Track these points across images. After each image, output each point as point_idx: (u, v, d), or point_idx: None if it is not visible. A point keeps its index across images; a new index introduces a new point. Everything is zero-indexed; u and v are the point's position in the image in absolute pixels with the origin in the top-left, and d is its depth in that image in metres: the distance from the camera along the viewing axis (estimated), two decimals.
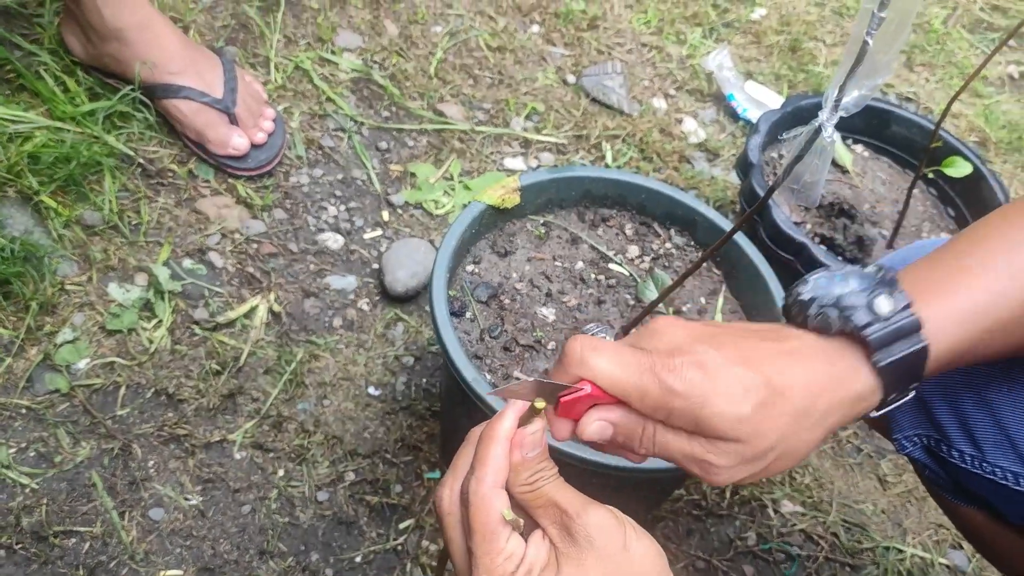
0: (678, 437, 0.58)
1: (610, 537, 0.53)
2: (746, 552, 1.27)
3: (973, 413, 0.74)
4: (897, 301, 0.58)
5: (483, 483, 0.55)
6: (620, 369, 0.56)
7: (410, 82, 1.67)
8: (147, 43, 1.37)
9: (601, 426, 0.59)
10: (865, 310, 0.58)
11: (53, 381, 1.18)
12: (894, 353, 0.58)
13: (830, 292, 0.60)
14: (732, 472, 0.58)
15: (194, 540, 1.12)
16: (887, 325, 0.58)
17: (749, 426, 0.55)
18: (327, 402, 1.26)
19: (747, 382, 0.56)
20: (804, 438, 0.58)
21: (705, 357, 0.56)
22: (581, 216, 1.18)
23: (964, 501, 0.81)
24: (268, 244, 1.39)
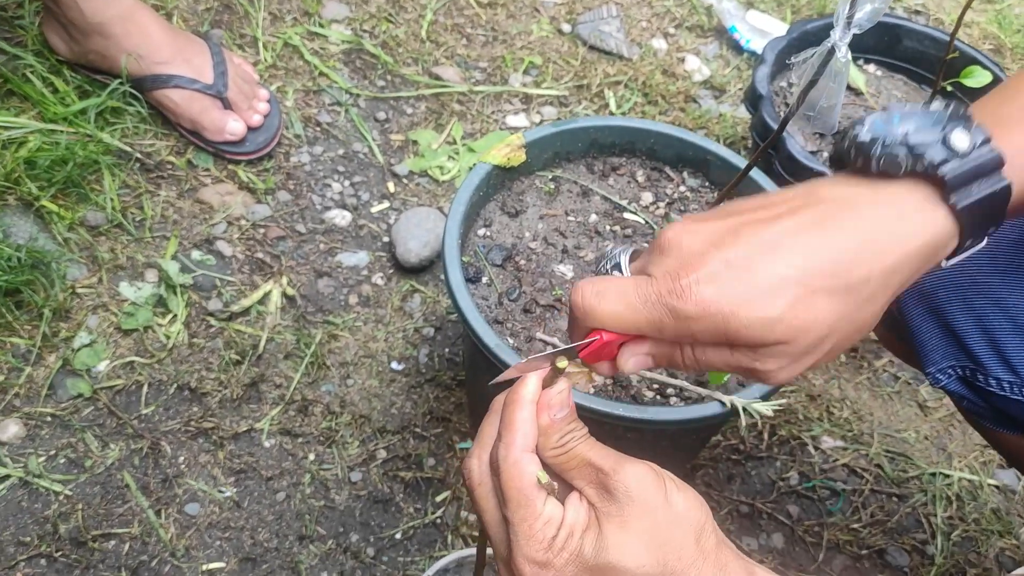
0: (719, 351, 0.53)
1: (650, 491, 0.51)
2: (789, 492, 1.25)
3: (1008, 339, 0.71)
4: (975, 135, 0.52)
5: (512, 448, 0.53)
6: (627, 309, 0.52)
7: (402, 48, 1.63)
8: (131, 35, 1.34)
9: (638, 360, 0.56)
10: (939, 146, 0.51)
11: (75, 386, 1.17)
12: (973, 194, 0.52)
13: (894, 130, 0.52)
14: (790, 370, 0.53)
15: (232, 531, 1.11)
16: (966, 162, 0.51)
17: (785, 326, 0.50)
18: (351, 381, 1.25)
19: (773, 278, 0.50)
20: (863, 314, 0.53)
21: (716, 266, 0.50)
22: (590, 167, 1.14)
23: (1007, 428, 0.78)
24: (275, 227, 1.37)
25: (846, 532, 1.22)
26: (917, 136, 0.52)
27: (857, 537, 1.22)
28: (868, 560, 1.21)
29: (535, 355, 0.55)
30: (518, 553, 0.51)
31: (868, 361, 1.39)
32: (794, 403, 1.32)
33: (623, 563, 0.50)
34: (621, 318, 0.53)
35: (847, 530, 1.22)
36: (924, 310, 0.79)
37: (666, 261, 0.53)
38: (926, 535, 1.24)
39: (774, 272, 0.50)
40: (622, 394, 0.96)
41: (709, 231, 0.53)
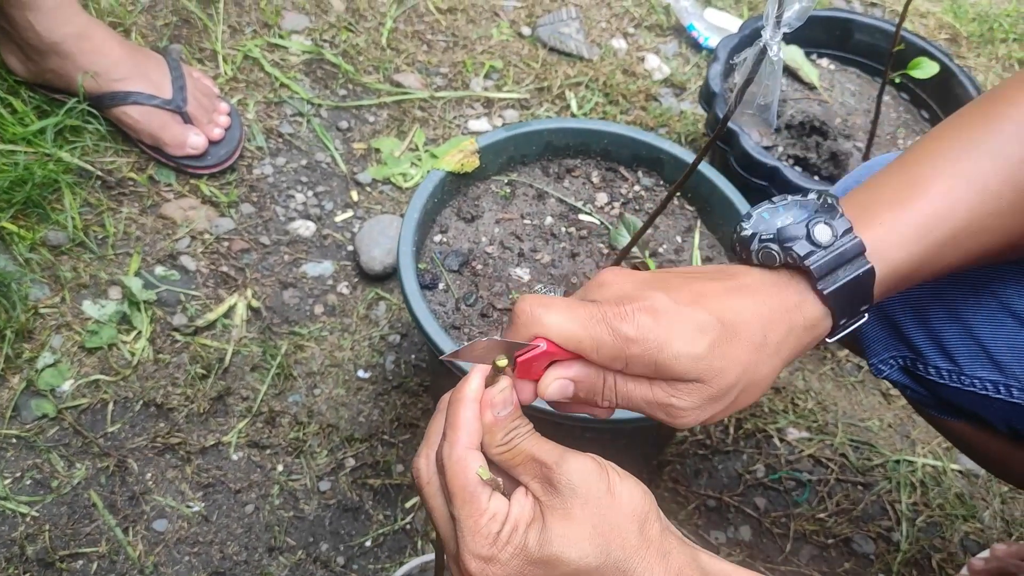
0: (639, 385, 0.57)
1: (593, 482, 0.52)
2: (756, 485, 1.26)
3: (944, 328, 0.73)
4: (837, 227, 0.58)
5: (456, 446, 0.54)
6: (572, 322, 0.55)
7: (363, 56, 1.63)
8: (87, 53, 1.34)
9: (561, 384, 0.57)
10: (804, 240, 0.58)
11: (39, 407, 1.17)
12: (839, 279, 0.58)
13: (770, 225, 0.60)
14: (698, 413, 0.57)
15: (201, 546, 1.12)
16: (828, 253, 0.57)
17: (707, 364, 0.55)
18: (318, 391, 1.25)
19: (700, 321, 0.55)
20: (763, 371, 0.58)
21: (655, 302, 0.55)
22: (545, 170, 1.15)
23: (950, 415, 0.80)
24: (239, 240, 1.37)
25: (812, 522, 1.24)
26: (788, 231, 0.59)
27: (823, 527, 1.23)
28: (835, 549, 1.22)
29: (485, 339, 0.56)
30: (464, 549, 0.52)
31: (831, 352, 1.40)
32: None
33: (566, 555, 0.51)
34: (565, 329, 0.55)
35: (813, 520, 1.24)
36: None
37: (609, 291, 0.58)
38: (891, 522, 1.25)
39: (702, 317, 0.55)
40: None
41: (645, 277, 0.59)
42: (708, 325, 0.55)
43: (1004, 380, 0.71)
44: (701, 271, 0.61)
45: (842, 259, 0.58)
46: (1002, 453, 0.79)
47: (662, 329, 0.54)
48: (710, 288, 0.58)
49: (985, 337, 0.71)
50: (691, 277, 0.59)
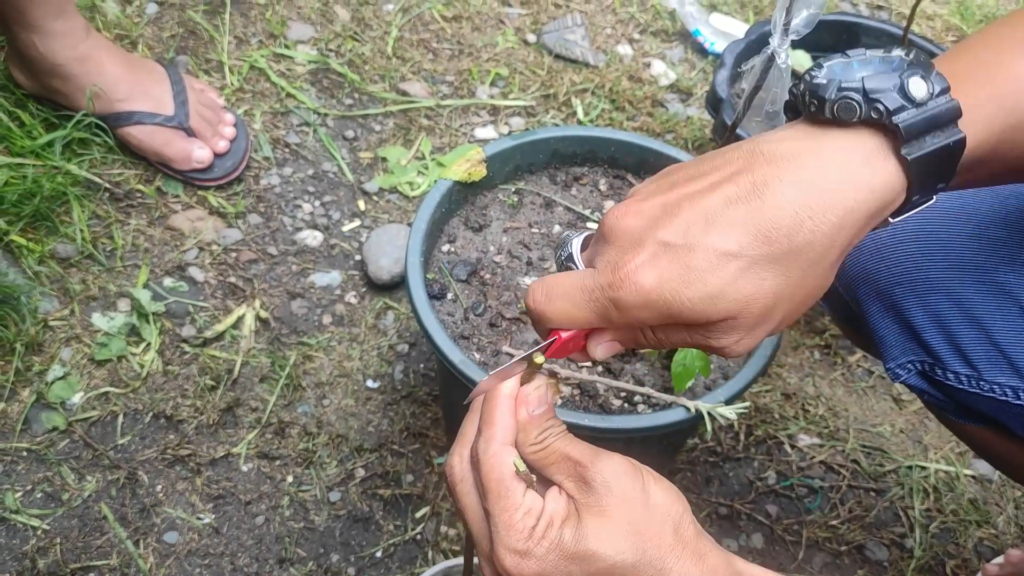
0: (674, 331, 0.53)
1: (628, 482, 0.52)
2: (767, 492, 1.25)
3: (964, 332, 0.72)
4: (934, 84, 0.50)
5: (492, 442, 0.54)
6: (574, 307, 0.52)
7: (369, 65, 1.63)
8: (88, 75, 1.34)
9: (606, 347, 0.56)
10: (896, 93, 0.49)
11: (50, 419, 1.17)
12: (927, 146, 0.50)
13: (851, 75, 0.51)
14: (746, 341, 0.52)
15: (212, 558, 1.12)
16: (922, 112, 0.49)
17: (729, 301, 0.49)
18: (327, 401, 1.25)
19: (711, 256, 0.48)
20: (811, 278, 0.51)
21: (654, 249, 0.49)
22: (552, 178, 1.15)
23: (969, 420, 0.79)
24: (247, 251, 1.37)
25: (825, 529, 1.23)
26: (873, 82, 0.50)
27: (836, 534, 1.23)
28: (848, 556, 1.21)
29: (501, 367, 0.56)
30: (499, 544, 0.51)
31: (842, 357, 1.39)
32: (769, 402, 1.33)
33: (602, 551, 0.50)
34: (571, 316, 0.53)
35: (826, 527, 1.23)
36: (882, 306, 0.80)
37: (608, 251, 0.52)
38: (904, 528, 1.24)
39: (712, 247, 0.48)
40: (590, 404, 0.96)
41: (648, 210, 0.51)
42: (722, 257, 0.48)
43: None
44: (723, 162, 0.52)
45: (935, 122, 0.50)
46: (1021, 458, 0.78)
47: (666, 282, 0.49)
48: (729, 194, 0.50)
49: (1005, 342, 0.70)
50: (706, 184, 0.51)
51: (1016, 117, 0.54)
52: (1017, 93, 0.54)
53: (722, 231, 0.48)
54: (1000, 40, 0.57)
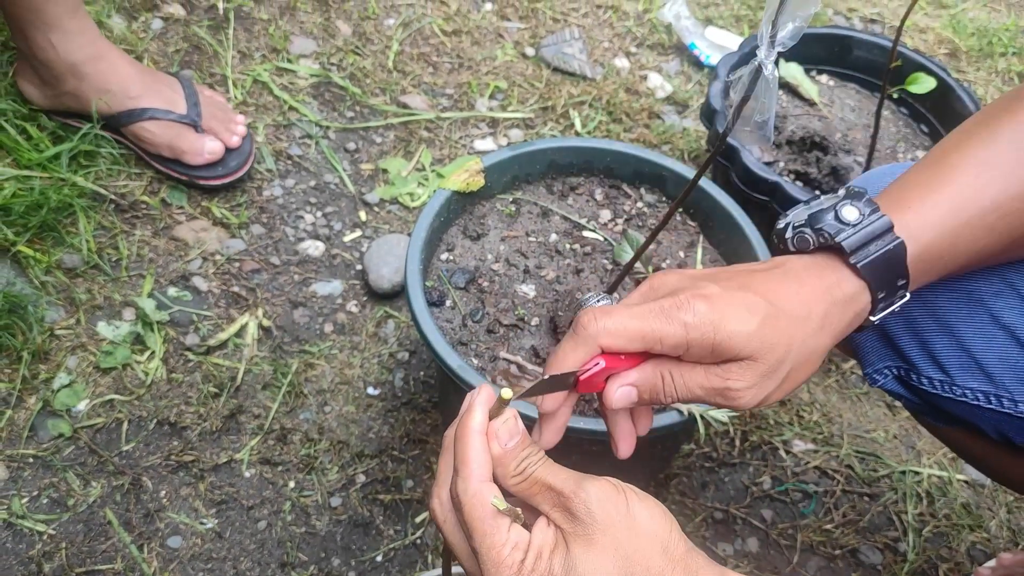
0: (695, 373, 0.60)
1: (611, 507, 0.53)
2: (762, 497, 1.27)
3: (936, 339, 0.75)
4: (863, 208, 0.63)
5: (470, 480, 0.54)
6: (633, 320, 0.59)
7: (370, 79, 1.66)
8: (103, 73, 1.37)
9: (625, 391, 0.61)
10: (834, 221, 0.63)
11: (56, 426, 1.19)
12: (871, 253, 0.62)
13: (802, 214, 0.65)
14: (755, 392, 0.60)
15: (215, 562, 1.13)
16: (857, 230, 0.62)
17: (758, 340, 0.59)
18: (328, 408, 1.27)
19: (749, 302, 0.59)
20: (811, 345, 0.62)
21: (707, 290, 0.60)
22: (549, 188, 1.17)
23: (946, 423, 0.81)
24: (250, 261, 1.39)
25: (819, 533, 1.25)
26: (817, 216, 0.64)
27: (830, 538, 1.24)
28: (842, 560, 1.23)
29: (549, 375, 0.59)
30: None
31: (836, 364, 1.41)
32: (764, 408, 1.35)
33: None
34: (629, 327, 0.59)
35: (820, 531, 1.25)
36: None
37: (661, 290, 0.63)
38: (898, 532, 1.26)
39: (750, 298, 0.60)
40: (586, 408, 0.98)
41: (692, 272, 0.64)
42: (756, 305, 0.59)
43: (995, 391, 0.72)
44: (744, 265, 0.66)
45: (872, 235, 0.62)
46: (998, 460, 0.80)
47: (716, 312, 0.58)
48: (754, 276, 0.63)
49: (976, 349, 0.73)
50: (735, 270, 0.64)
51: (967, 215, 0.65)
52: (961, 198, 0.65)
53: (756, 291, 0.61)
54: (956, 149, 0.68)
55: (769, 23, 0.76)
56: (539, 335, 1.03)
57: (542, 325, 1.04)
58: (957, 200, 0.65)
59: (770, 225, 1.17)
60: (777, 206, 1.24)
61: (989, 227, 0.65)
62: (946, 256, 0.65)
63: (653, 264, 1.10)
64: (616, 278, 1.05)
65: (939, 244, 0.64)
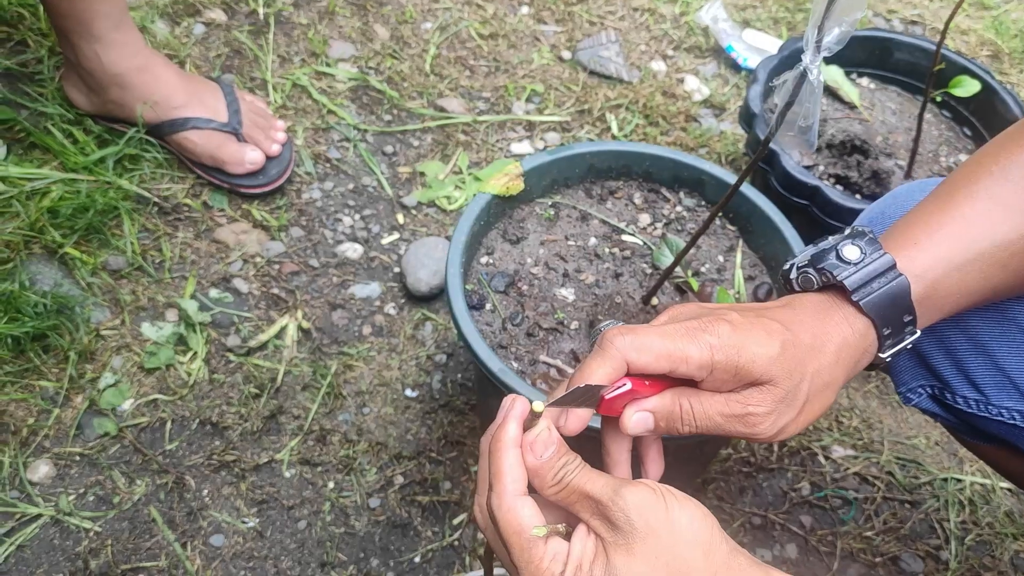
0: (715, 401, 0.60)
1: (651, 513, 0.52)
2: (801, 503, 1.26)
3: (970, 358, 0.74)
4: (864, 246, 0.64)
5: (504, 496, 0.55)
6: (660, 338, 0.59)
7: (407, 82, 1.67)
8: (147, 84, 1.40)
9: (642, 417, 0.61)
10: (835, 261, 0.64)
11: (102, 425, 1.22)
12: (873, 291, 0.62)
13: (805, 255, 0.66)
14: (775, 419, 0.61)
15: (256, 561, 1.15)
16: (858, 268, 0.63)
17: (779, 366, 0.59)
18: (367, 410, 1.28)
19: (768, 328, 0.60)
20: (825, 377, 0.62)
21: (728, 315, 0.61)
22: (588, 192, 1.17)
23: (982, 440, 0.80)
24: (289, 263, 1.41)
25: (860, 540, 1.23)
26: (819, 256, 0.65)
27: (871, 545, 1.23)
28: (882, 568, 1.22)
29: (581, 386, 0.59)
30: None
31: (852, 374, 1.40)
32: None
33: None
34: (655, 346, 0.59)
35: (860, 538, 1.24)
36: None
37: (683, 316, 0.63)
38: (940, 541, 1.25)
39: (770, 325, 0.61)
40: None
41: (708, 306, 0.65)
42: (776, 330, 0.60)
43: None
44: (757, 303, 0.67)
45: (873, 273, 0.63)
46: None
47: (739, 336, 0.59)
48: (769, 309, 0.64)
49: (1010, 367, 0.72)
50: (749, 304, 0.66)
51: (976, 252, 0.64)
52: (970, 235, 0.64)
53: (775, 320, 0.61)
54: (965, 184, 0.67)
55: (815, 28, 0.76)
56: (578, 339, 1.04)
57: (581, 329, 1.04)
58: (966, 237, 0.64)
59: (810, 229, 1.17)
60: (817, 210, 1.23)
61: (1002, 264, 0.64)
62: (954, 293, 0.65)
63: (692, 268, 1.10)
64: (656, 283, 1.05)
65: (947, 281, 0.64)
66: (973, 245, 0.64)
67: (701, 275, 1.10)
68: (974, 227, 0.64)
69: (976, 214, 0.64)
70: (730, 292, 1.08)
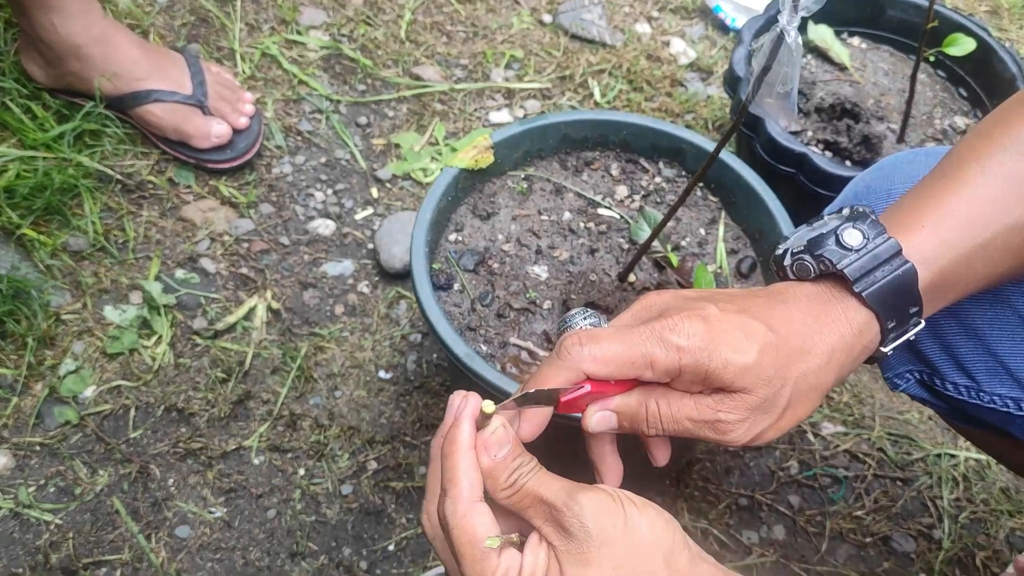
0: (684, 404, 0.55)
1: (608, 521, 0.49)
2: (789, 482, 1.22)
3: (961, 343, 0.69)
4: (867, 230, 0.57)
5: (459, 502, 0.51)
6: (624, 346, 0.54)
7: (382, 50, 1.61)
8: (107, 55, 1.34)
9: (603, 416, 0.56)
10: (835, 246, 0.57)
11: (62, 414, 1.17)
12: (877, 280, 0.56)
13: (801, 239, 0.59)
14: (748, 427, 0.55)
15: (224, 552, 1.11)
16: (861, 255, 0.56)
17: (755, 374, 0.54)
18: (338, 393, 1.24)
19: (748, 328, 0.54)
20: (812, 381, 0.56)
21: (704, 310, 0.55)
22: (563, 163, 1.12)
23: (973, 425, 0.75)
24: (258, 241, 1.36)
25: (849, 520, 1.19)
26: (816, 241, 0.58)
27: (861, 525, 1.19)
28: (873, 548, 1.18)
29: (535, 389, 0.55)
30: None
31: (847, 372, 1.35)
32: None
33: None
34: (615, 353, 0.54)
35: (850, 518, 1.20)
36: None
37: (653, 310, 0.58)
38: (932, 519, 1.21)
39: (750, 324, 0.55)
40: None
41: (687, 293, 0.59)
42: (756, 331, 0.54)
43: None
44: (744, 290, 0.60)
45: (876, 260, 0.56)
46: None
47: (712, 336, 0.53)
48: (755, 301, 0.57)
49: (1004, 353, 0.67)
50: (734, 292, 0.59)
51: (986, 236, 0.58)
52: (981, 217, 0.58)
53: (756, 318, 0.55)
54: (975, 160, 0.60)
55: None
56: (551, 319, 0.99)
57: (554, 309, 0.99)
58: (978, 220, 0.58)
59: (797, 200, 1.11)
60: (804, 179, 1.17)
61: (1013, 250, 0.58)
62: (962, 281, 0.59)
63: (672, 242, 1.05)
64: (633, 258, 0.99)
65: (955, 268, 0.58)
66: (985, 229, 0.57)
67: (681, 249, 1.05)
68: (986, 209, 0.58)
69: (988, 194, 0.58)
70: (711, 267, 1.03)
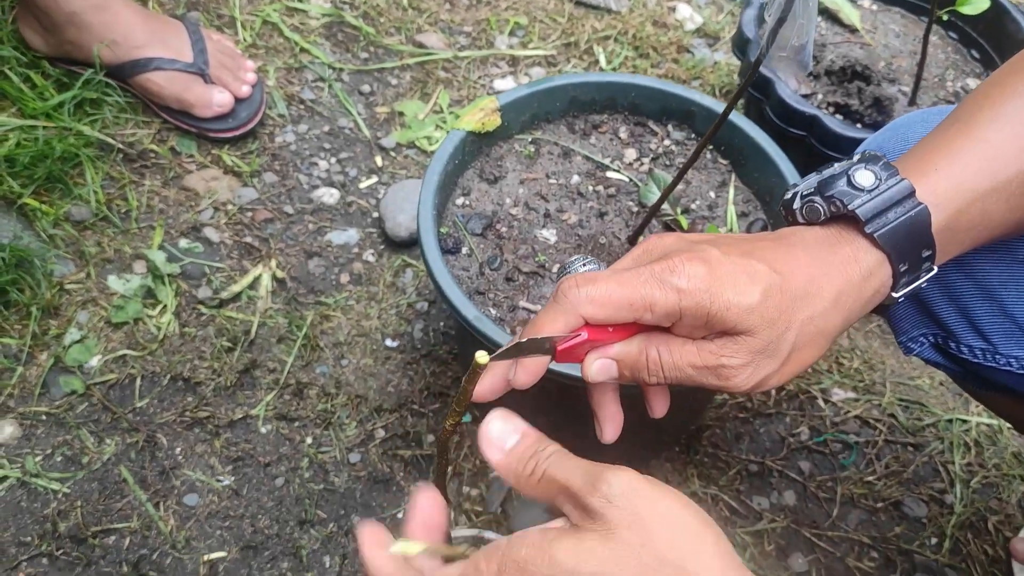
0: (686, 350, 0.54)
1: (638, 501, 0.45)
2: (800, 448, 1.21)
3: (976, 305, 0.68)
4: (880, 172, 0.56)
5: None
6: (623, 287, 0.52)
7: (384, 17, 1.59)
8: (105, 23, 1.32)
9: (603, 364, 0.55)
10: (846, 187, 0.56)
11: (68, 383, 1.16)
12: (890, 221, 0.55)
13: (808, 184, 0.59)
14: (751, 372, 0.54)
15: (232, 520, 1.11)
16: (873, 196, 0.55)
17: (758, 315, 0.52)
18: (345, 362, 1.23)
19: (752, 270, 0.53)
20: (819, 324, 0.55)
21: (706, 253, 0.53)
22: (571, 127, 1.10)
23: (988, 389, 0.74)
24: (262, 210, 1.35)
25: (860, 485, 1.19)
26: (827, 183, 0.57)
27: (872, 490, 1.19)
28: (884, 513, 1.17)
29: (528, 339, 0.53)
30: None
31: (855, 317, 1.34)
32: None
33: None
34: (614, 295, 0.52)
35: (861, 483, 1.19)
36: None
37: (655, 253, 0.56)
38: (944, 484, 1.20)
39: (754, 266, 0.53)
40: None
41: (691, 236, 0.57)
42: (760, 273, 0.53)
43: None
44: (749, 234, 0.59)
45: (889, 201, 0.55)
46: None
47: (714, 278, 0.52)
48: (760, 244, 0.56)
49: (1020, 314, 0.66)
50: (739, 236, 0.58)
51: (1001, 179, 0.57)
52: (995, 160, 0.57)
53: (761, 260, 0.54)
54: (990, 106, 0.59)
55: None
56: None
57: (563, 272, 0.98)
58: (991, 164, 0.57)
59: (807, 162, 1.10)
60: (815, 141, 1.16)
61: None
62: (977, 226, 0.58)
63: (682, 205, 1.03)
64: (642, 221, 0.98)
65: (969, 212, 0.57)
66: (998, 173, 0.56)
67: (691, 212, 1.03)
68: (1000, 153, 0.57)
69: (1002, 139, 0.57)
70: (721, 230, 1.02)
